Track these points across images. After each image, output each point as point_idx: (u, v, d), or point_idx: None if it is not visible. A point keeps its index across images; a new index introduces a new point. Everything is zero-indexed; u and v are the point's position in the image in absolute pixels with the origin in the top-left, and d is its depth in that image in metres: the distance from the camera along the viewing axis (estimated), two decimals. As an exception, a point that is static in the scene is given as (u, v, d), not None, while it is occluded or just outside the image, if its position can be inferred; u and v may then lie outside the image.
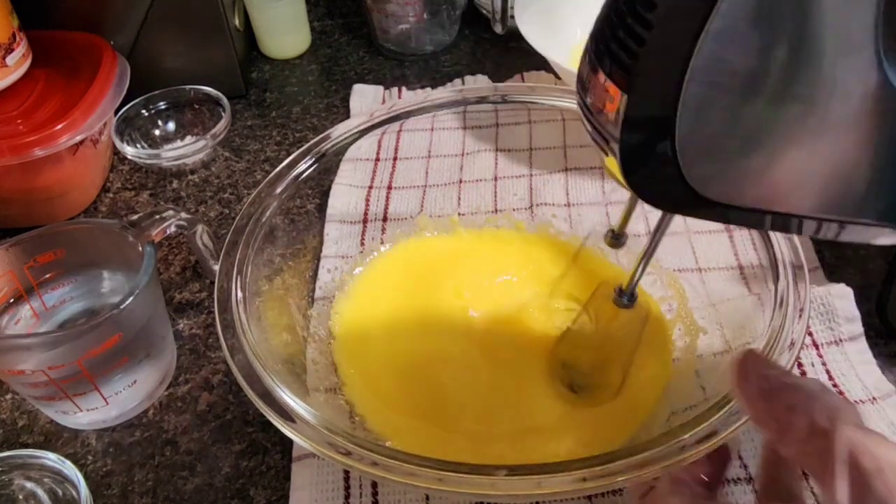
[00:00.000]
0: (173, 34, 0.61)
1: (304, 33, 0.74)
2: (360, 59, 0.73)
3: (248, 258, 0.37)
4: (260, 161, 0.60)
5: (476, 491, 0.27)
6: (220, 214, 0.55)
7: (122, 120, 0.58)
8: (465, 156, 0.53)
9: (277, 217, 0.40)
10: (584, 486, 0.27)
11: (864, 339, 0.41)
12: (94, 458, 0.40)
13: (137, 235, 0.39)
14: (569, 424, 0.38)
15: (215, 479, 0.39)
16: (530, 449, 0.37)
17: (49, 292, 0.42)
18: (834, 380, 0.40)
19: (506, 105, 0.47)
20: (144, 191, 0.58)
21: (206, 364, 0.44)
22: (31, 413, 0.42)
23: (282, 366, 0.35)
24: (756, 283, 0.37)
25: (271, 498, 0.38)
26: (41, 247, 0.40)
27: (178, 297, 0.49)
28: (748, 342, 0.34)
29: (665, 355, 0.41)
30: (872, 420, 0.38)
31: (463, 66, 0.70)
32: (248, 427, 0.41)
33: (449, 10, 0.70)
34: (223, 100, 0.60)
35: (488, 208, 0.50)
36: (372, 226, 0.49)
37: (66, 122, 0.49)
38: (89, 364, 0.37)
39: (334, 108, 0.66)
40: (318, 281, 0.45)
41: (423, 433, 0.38)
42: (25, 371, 0.36)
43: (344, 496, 0.36)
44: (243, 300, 0.35)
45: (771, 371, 0.25)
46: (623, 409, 0.38)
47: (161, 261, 0.51)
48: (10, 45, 0.50)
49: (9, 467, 0.37)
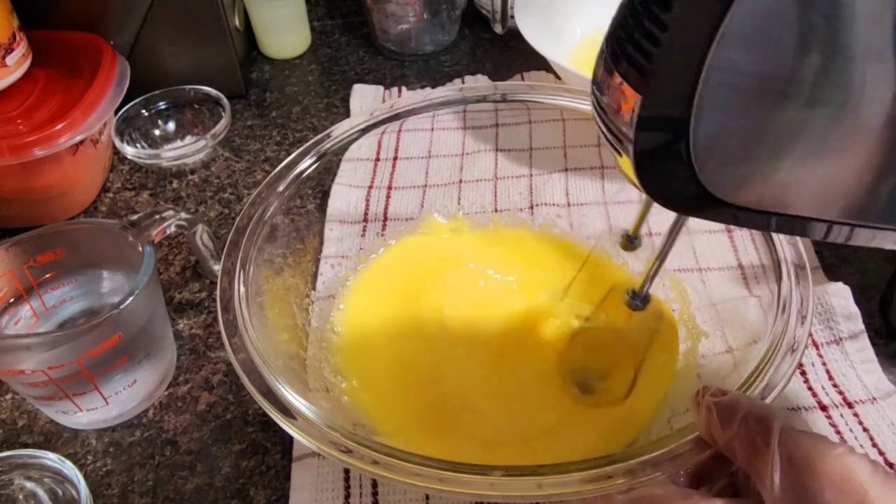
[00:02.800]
0: (173, 34, 0.61)
1: (304, 33, 0.74)
2: (360, 59, 0.73)
3: (249, 257, 0.37)
4: (260, 161, 0.60)
5: (476, 491, 0.27)
6: (220, 214, 0.55)
7: (122, 120, 0.58)
8: (465, 156, 0.53)
9: (278, 217, 0.40)
10: (585, 488, 0.27)
11: (865, 337, 0.41)
12: (94, 458, 0.40)
13: (137, 235, 0.39)
14: (572, 427, 0.38)
15: (215, 479, 0.39)
16: (533, 450, 0.37)
17: (49, 292, 0.42)
18: (834, 379, 0.40)
19: (506, 105, 0.47)
20: (144, 191, 0.58)
21: (206, 364, 0.44)
22: (31, 413, 0.42)
23: (283, 364, 0.35)
24: (757, 285, 0.37)
25: (271, 498, 0.38)
26: (41, 247, 0.40)
27: (178, 297, 0.48)
28: (750, 344, 0.34)
29: (671, 358, 0.40)
30: (872, 420, 0.38)
31: (463, 66, 0.70)
32: (248, 427, 0.41)
33: (449, 10, 0.70)
34: (223, 100, 0.60)
35: (489, 208, 0.50)
36: (372, 225, 0.49)
37: (66, 122, 0.49)
38: (89, 364, 0.37)
39: (334, 108, 0.66)
40: (319, 280, 0.45)
41: (424, 433, 0.38)
42: (25, 371, 0.36)
43: (344, 496, 0.36)
44: (245, 299, 0.35)
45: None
46: (628, 412, 0.38)
47: (161, 261, 0.51)
48: (10, 45, 0.50)
49: (9, 467, 0.36)
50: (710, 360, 0.38)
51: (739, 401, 0.26)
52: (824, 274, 0.46)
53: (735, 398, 0.26)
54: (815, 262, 0.46)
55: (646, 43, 0.21)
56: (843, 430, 0.38)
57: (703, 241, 0.44)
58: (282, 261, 0.41)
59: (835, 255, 0.47)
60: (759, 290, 0.36)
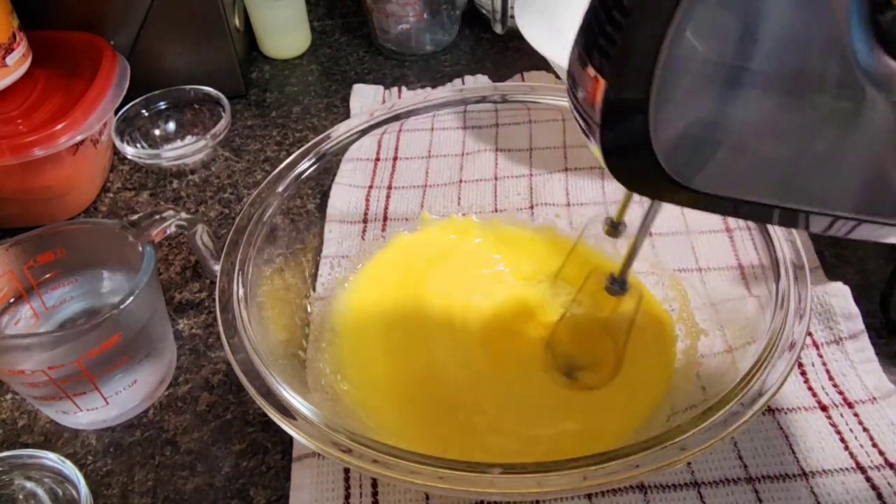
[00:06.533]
0: (173, 34, 0.61)
1: (304, 33, 0.74)
2: (360, 59, 0.73)
3: (249, 257, 0.37)
4: (260, 161, 0.60)
5: (476, 489, 0.28)
6: (220, 214, 0.55)
7: (122, 120, 0.58)
8: (465, 156, 0.53)
9: (278, 217, 0.40)
10: (584, 485, 0.27)
11: (865, 337, 0.41)
12: (94, 458, 0.40)
13: (137, 235, 0.39)
14: (568, 416, 0.38)
15: (215, 479, 0.39)
16: (532, 440, 0.37)
17: (49, 292, 0.42)
18: (834, 379, 0.40)
19: (506, 105, 0.47)
20: (144, 191, 0.58)
21: (206, 364, 0.44)
22: (31, 413, 0.42)
23: (283, 364, 0.35)
24: (756, 284, 0.37)
25: (271, 498, 0.38)
26: (41, 247, 0.40)
27: (178, 297, 0.49)
28: (749, 342, 0.34)
29: (668, 355, 0.41)
30: (873, 420, 0.38)
31: (463, 66, 0.70)
32: (249, 427, 0.41)
33: (449, 10, 0.70)
34: (223, 100, 0.60)
35: (489, 208, 0.50)
36: (372, 225, 0.49)
37: (66, 122, 0.49)
38: (89, 364, 0.37)
39: (334, 108, 0.66)
40: (319, 280, 0.45)
41: (423, 431, 0.38)
42: (25, 371, 0.36)
43: (344, 496, 0.36)
44: (244, 299, 0.35)
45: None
46: (623, 400, 0.38)
47: (161, 261, 0.51)
48: (10, 45, 0.50)
49: (9, 467, 0.37)
50: (710, 359, 0.38)
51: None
52: (824, 273, 0.46)
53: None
54: (815, 262, 0.46)
55: (609, 27, 0.21)
56: (843, 430, 0.38)
57: (703, 241, 0.44)
58: (281, 261, 0.41)
59: (834, 254, 0.48)
60: (759, 290, 0.36)
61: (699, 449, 0.28)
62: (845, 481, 0.36)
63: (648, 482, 0.36)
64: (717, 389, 0.32)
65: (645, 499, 0.36)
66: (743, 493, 0.36)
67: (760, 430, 0.38)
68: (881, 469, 0.36)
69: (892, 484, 0.35)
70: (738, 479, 0.36)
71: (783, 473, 0.36)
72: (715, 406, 0.29)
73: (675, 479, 0.36)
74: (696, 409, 0.32)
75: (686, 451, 0.28)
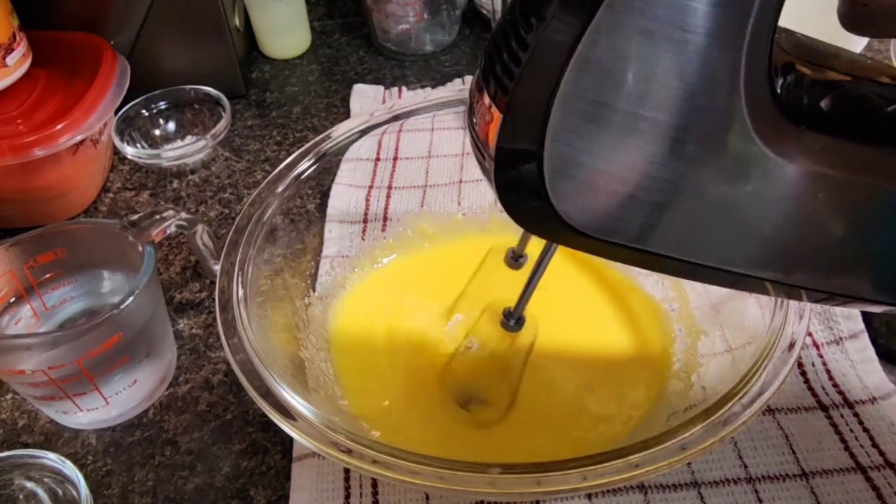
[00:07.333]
0: (173, 34, 0.61)
1: (304, 33, 0.74)
2: (360, 59, 0.73)
3: (248, 258, 0.37)
4: (260, 161, 0.60)
5: (476, 489, 0.27)
6: (220, 214, 0.55)
7: (122, 120, 0.58)
8: (465, 156, 0.53)
9: (278, 217, 0.40)
10: (584, 485, 0.27)
11: (865, 337, 0.41)
12: (94, 458, 0.40)
13: (137, 235, 0.39)
14: (570, 423, 0.38)
15: (215, 479, 0.39)
16: (533, 446, 0.37)
17: (49, 292, 0.42)
18: (834, 379, 0.40)
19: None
20: (144, 191, 0.58)
21: (206, 364, 0.44)
22: (31, 413, 0.42)
23: (282, 364, 0.35)
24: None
25: (271, 498, 0.38)
26: (41, 247, 0.40)
27: (178, 297, 0.49)
28: (749, 342, 0.34)
29: (667, 354, 0.41)
30: (873, 420, 0.38)
31: (463, 66, 0.70)
32: (249, 427, 0.41)
33: (449, 10, 0.70)
34: (223, 100, 0.60)
35: (489, 208, 0.50)
36: (372, 226, 0.49)
37: (66, 122, 0.49)
38: (89, 364, 0.37)
39: (334, 108, 0.66)
40: (319, 280, 0.45)
41: (422, 430, 0.38)
42: (25, 371, 0.36)
43: (344, 496, 0.36)
44: (244, 299, 0.35)
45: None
46: (627, 410, 0.38)
47: (161, 261, 0.51)
48: (10, 45, 0.50)
49: (9, 467, 0.36)
50: (709, 359, 0.38)
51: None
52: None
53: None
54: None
55: (509, 61, 0.20)
56: (844, 430, 0.38)
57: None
58: (281, 261, 0.41)
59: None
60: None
61: (699, 449, 0.28)
62: (845, 481, 0.36)
63: (648, 482, 0.36)
64: (716, 389, 0.32)
65: (645, 499, 0.36)
66: (743, 493, 0.36)
67: (760, 430, 0.38)
68: (881, 469, 0.36)
69: (892, 484, 0.35)
70: (738, 479, 0.36)
71: (783, 473, 0.36)
72: (715, 406, 0.29)
73: (675, 479, 0.36)
74: (695, 409, 0.32)
75: (686, 451, 0.28)
